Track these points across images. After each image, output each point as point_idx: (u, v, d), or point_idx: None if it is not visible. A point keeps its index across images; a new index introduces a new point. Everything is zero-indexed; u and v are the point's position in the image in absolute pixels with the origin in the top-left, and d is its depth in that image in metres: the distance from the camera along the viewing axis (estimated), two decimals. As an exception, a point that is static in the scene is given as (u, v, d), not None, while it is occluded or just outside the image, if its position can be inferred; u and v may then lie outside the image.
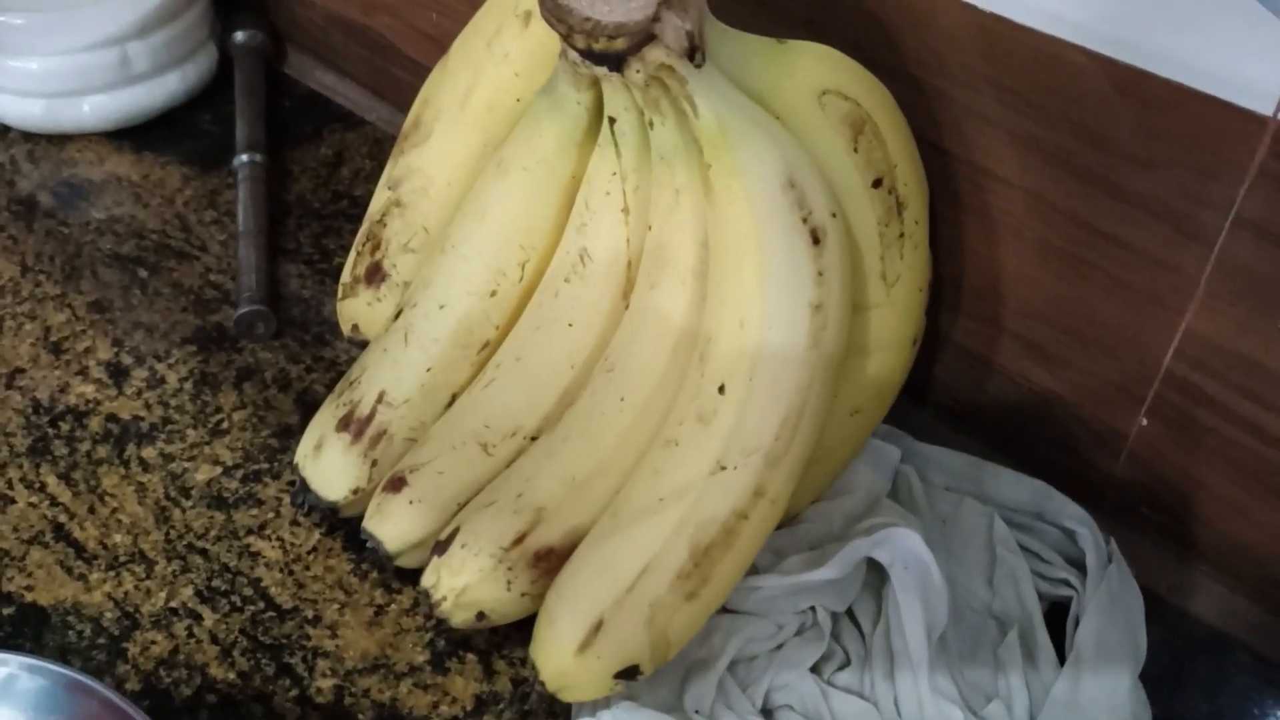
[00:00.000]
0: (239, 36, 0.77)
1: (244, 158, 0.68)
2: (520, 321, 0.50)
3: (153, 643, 0.48)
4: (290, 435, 0.56)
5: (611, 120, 0.46)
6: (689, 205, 0.45)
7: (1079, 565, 0.49)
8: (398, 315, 0.52)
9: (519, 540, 0.45)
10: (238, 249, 0.64)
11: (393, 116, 0.75)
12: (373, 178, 0.70)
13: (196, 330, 0.61)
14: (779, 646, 0.47)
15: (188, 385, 0.58)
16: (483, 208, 0.50)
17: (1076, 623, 0.46)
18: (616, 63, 0.42)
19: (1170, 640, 0.48)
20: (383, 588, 0.50)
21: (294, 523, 0.52)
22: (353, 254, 0.56)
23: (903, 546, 0.46)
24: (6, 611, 0.49)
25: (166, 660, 0.47)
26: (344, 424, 0.50)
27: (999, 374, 0.54)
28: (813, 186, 0.43)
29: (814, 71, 0.45)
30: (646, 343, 0.46)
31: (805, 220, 0.42)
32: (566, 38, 0.43)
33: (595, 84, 0.45)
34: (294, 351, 0.60)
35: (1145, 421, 0.49)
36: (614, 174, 0.47)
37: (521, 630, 0.47)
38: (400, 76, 0.73)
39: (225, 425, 0.56)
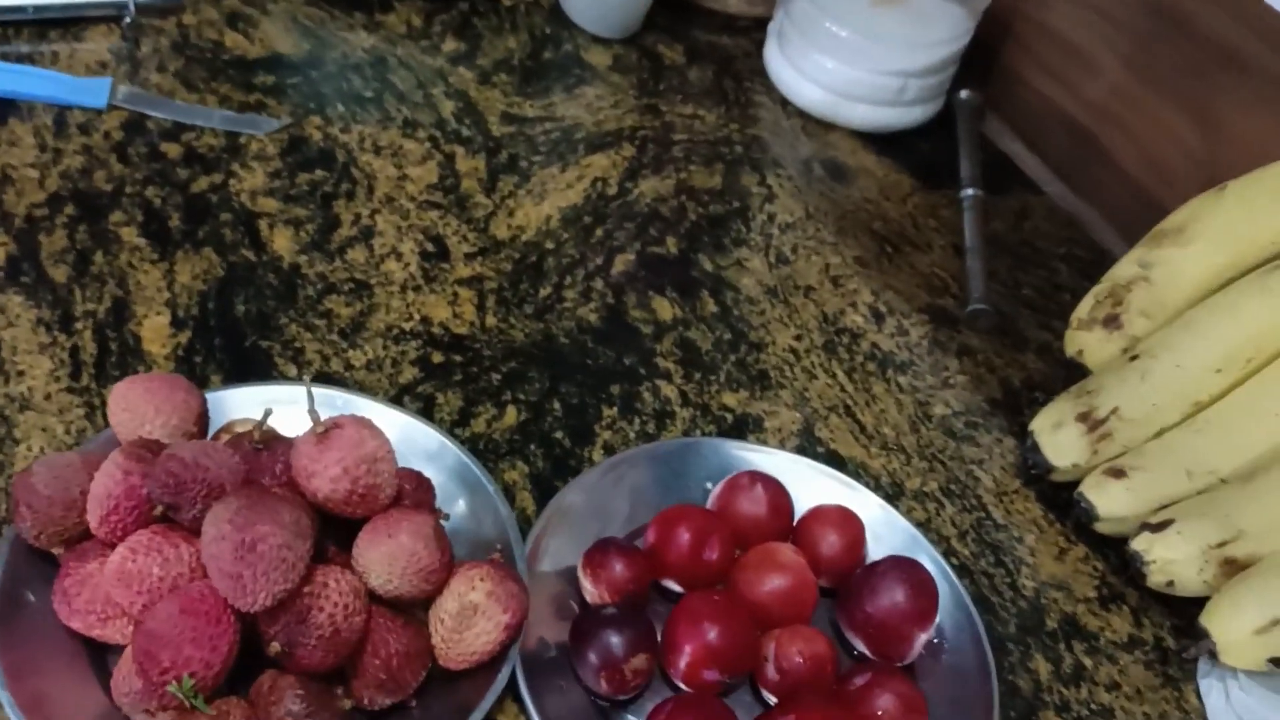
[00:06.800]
0: (964, 94, 0.98)
1: (969, 191, 0.90)
2: (1232, 396, 0.69)
3: (911, 510, 0.69)
4: (996, 405, 0.76)
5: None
6: None
7: None
8: (1133, 358, 0.72)
9: (1220, 545, 0.64)
10: (965, 259, 0.85)
11: (1065, 195, 0.95)
12: (1047, 236, 0.91)
13: (927, 305, 0.82)
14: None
15: (924, 343, 0.80)
16: (1235, 308, 0.69)
17: None
18: None
19: None
20: (1064, 537, 0.70)
21: (1002, 467, 0.73)
22: (1090, 300, 0.76)
23: None
24: (820, 450, 0.71)
25: (922, 524, 0.68)
26: (1082, 418, 0.70)
27: None
28: None
29: None
30: (1350, 450, 0.64)
31: None
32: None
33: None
34: (997, 348, 0.81)
35: None
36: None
37: (1160, 604, 0.66)
38: (1100, 178, 0.92)
39: (951, 381, 0.77)
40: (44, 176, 0.73)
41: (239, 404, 0.61)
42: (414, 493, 0.56)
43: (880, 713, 0.55)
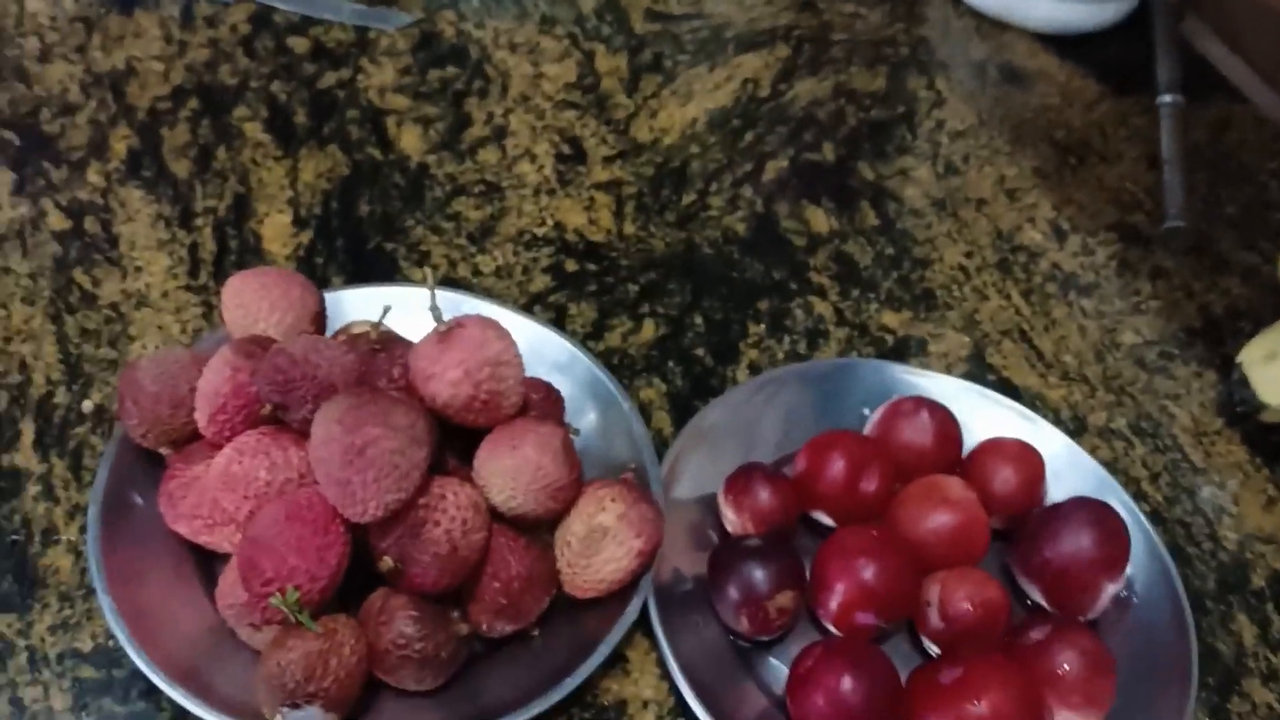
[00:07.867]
0: (1163, -9, 0.88)
1: (1167, 97, 0.79)
2: None
3: (1095, 448, 0.61)
4: (1195, 335, 0.67)
5: None
6: None
7: None
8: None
9: None
10: (1162, 172, 0.75)
11: (1275, 104, 0.83)
12: (1254, 149, 0.80)
13: (1116, 223, 0.73)
14: None
15: (1112, 263, 0.71)
16: None
17: None
18: None
19: None
20: (1273, 484, 0.61)
21: (1201, 404, 0.64)
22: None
23: None
24: (991, 378, 0.63)
25: (1108, 464, 0.60)
26: (1307, 348, 0.61)
27: None
28: None
29: None
30: None
31: None
32: None
33: None
34: (1196, 270, 0.71)
35: None
36: None
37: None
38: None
39: (1143, 307, 0.69)
40: (169, 69, 0.70)
41: (359, 305, 0.56)
42: (541, 403, 0.51)
43: (1062, 671, 0.48)
